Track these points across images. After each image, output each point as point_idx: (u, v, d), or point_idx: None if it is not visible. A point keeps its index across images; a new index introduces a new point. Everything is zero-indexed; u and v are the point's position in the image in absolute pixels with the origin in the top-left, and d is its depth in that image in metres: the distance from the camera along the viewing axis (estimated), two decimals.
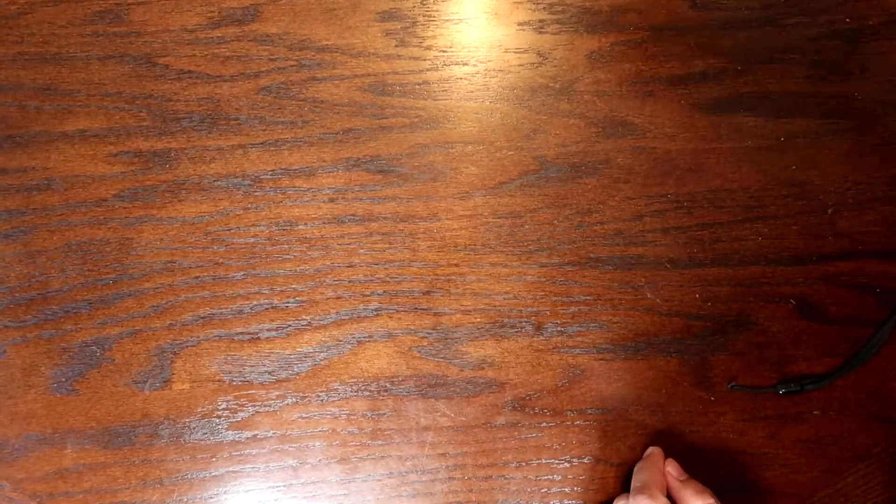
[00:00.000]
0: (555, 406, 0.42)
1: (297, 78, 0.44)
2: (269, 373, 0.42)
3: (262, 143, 0.44)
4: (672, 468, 0.40)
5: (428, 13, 0.45)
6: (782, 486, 0.42)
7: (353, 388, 0.42)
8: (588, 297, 0.43)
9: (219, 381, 0.42)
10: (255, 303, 0.42)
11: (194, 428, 0.41)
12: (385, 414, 0.42)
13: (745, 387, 0.42)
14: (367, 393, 0.42)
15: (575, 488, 0.41)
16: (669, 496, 0.39)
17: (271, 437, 0.41)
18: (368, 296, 0.42)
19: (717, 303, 0.43)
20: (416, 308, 0.42)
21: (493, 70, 0.44)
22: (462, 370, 0.42)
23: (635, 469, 0.40)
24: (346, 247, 0.43)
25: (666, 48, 0.44)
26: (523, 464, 0.41)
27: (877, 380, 0.42)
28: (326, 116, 0.44)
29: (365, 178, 0.43)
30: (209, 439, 0.41)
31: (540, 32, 0.44)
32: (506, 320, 0.42)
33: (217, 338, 0.42)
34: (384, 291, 0.43)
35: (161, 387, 0.42)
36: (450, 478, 0.42)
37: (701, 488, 0.39)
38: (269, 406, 0.42)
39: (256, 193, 0.43)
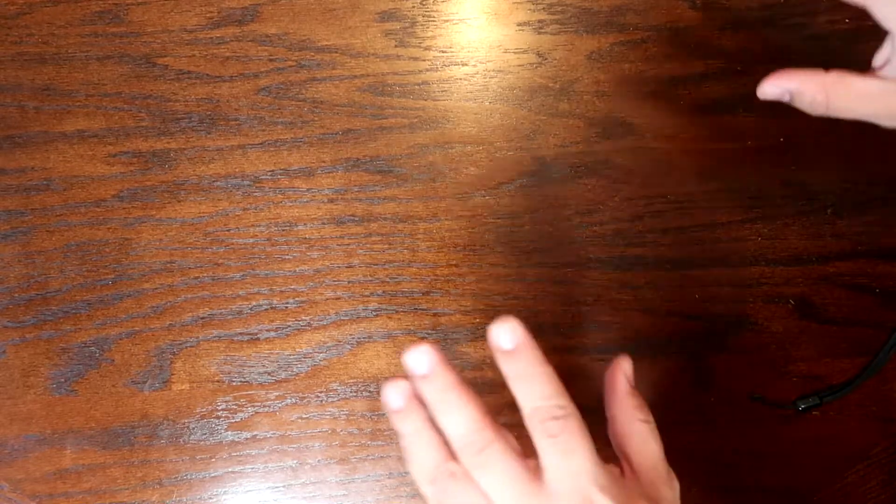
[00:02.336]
0: None
1: (297, 78, 0.44)
2: (269, 373, 0.42)
3: (261, 144, 0.44)
4: (628, 366, 0.32)
5: (428, 13, 0.45)
6: (782, 486, 0.42)
7: (353, 388, 0.42)
8: (587, 298, 0.43)
9: (218, 381, 0.42)
10: (254, 303, 0.42)
11: (193, 428, 0.41)
12: (384, 414, 0.42)
13: (766, 401, 0.42)
14: (367, 393, 0.42)
15: None
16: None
17: (270, 437, 0.41)
18: (368, 296, 0.42)
19: (717, 303, 0.43)
20: (415, 308, 0.42)
21: (493, 70, 0.44)
22: (461, 371, 0.42)
23: (512, 374, 0.29)
24: (346, 247, 0.43)
25: (666, 48, 0.44)
26: None
27: (877, 380, 0.42)
28: (326, 117, 0.44)
29: (364, 179, 0.43)
30: (208, 440, 0.41)
31: (539, 33, 0.44)
32: None
33: (216, 338, 0.42)
34: (384, 292, 0.43)
35: (160, 387, 0.42)
36: None
37: (644, 403, 0.31)
38: (269, 406, 0.42)
39: (256, 194, 0.43)
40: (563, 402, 0.28)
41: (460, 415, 0.28)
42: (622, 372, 0.31)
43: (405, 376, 0.29)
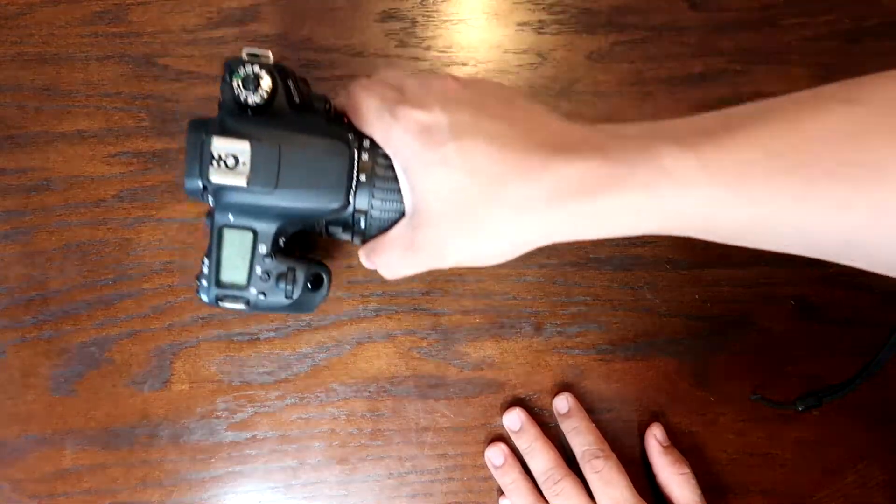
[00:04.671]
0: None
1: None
2: (269, 373, 0.42)
3: None
4: (658, 432, 0.41)
5: (428, 13, 0.45)
6: (782, 486, 0.42)
7: (353, 388, 0.42)
8: (587, 298, 0.43)
9: (218, 381, 0.42)
10: None
11: (193, 429, 0.41)
12: (384, 414, 0.42)
13: (767, 401, 0.42)
14: (367, 393, 0.42)
15: None
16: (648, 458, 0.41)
17: (270, 437, 0.41)
18: (368, 296, 0.42)
19: (717, 303, 0.43)
20: (415, 309, 0.42)
21: (493, 70, 0.44)
22: (461, 371, 0.42)
23: (568, 429, 0.41)
24: (346, 247, 0.43)
25: (666, 48, 0.44)
26: (523, 464, 0.41)
27: (876, 380, 0.42)
28: None
29: None
30: (208, 440, 0.41)
31: (539, 33, 0.44)
32: (505, 321, 0.42)
33: (216, 338, 0.42)
34: (383, 292, 0.42)
35: (160, 387, 0.42)
36: (449, 478, 0.42)
37: (680, 458, 0.40)
38: (269, 407, 0.42)
39: None
40: (603, 447, 0.39)
41: (543, 457, 0.40)
42: (653, 436, 0.41)
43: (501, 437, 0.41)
